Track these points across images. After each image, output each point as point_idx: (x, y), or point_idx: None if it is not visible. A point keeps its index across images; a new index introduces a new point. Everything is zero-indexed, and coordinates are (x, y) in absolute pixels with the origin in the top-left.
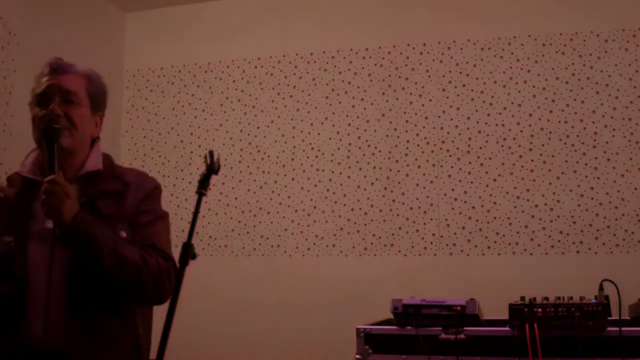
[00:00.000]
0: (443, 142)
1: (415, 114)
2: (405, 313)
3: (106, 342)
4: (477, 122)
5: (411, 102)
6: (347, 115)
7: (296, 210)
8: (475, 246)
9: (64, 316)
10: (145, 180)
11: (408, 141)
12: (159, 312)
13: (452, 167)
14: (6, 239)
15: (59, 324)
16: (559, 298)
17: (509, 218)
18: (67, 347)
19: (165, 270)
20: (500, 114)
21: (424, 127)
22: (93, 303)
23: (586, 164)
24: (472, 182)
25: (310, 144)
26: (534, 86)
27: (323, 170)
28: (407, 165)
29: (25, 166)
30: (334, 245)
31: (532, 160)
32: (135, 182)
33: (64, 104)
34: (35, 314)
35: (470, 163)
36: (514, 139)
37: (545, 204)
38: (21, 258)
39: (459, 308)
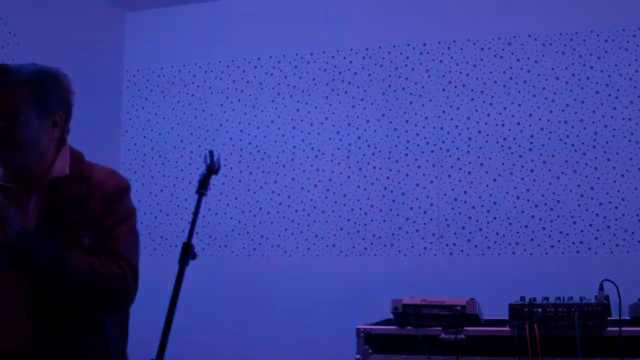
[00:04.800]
0: (443, 142)
1: (415, 114)
2: (405, 313)
3: (73, 350)
4: (477, 122)
5: (411, 102)
6: (347, 115)
7: (296, 210)
8: (475, 246)
9: (25, 324)
10: (112, 180)
11: (408, 141)
12: (159, 312)
13: (452, 167)
14: None
15: (25, 333)
16: (559, 298)
17: (509, 218)
18: (35, 357)
19: (120, 278)
20: (500, 114)
21: (424, 127)
22: (60, 314)
23: (586, 164)
24: (472, 182)
25: (310, 144)
26: (534, 86)
27: (323, 170)
28: (407, 165)
29: None
30: (334, 245)
31: (532, 160)
32: (102, 184)
33: (6, 122)
34: None
35: (470, 163)
36: (514, 139)
37: (545, 204)
38: None
39: (459, 308)
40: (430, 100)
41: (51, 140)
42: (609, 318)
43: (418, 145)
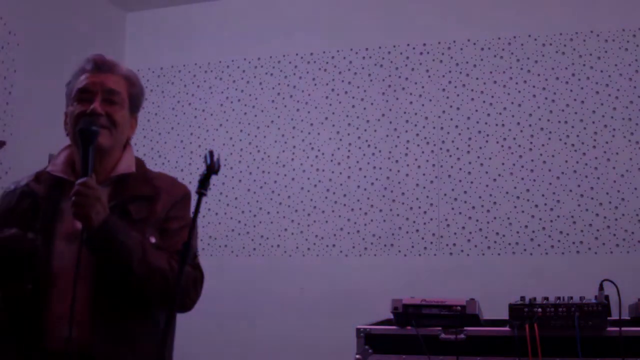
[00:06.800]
0: (443, 142)
1: (415, 114)
2: (405, 313)
3: (131, 348)
4: (477, 122)
5: (411, 102)
6: (347, 115)
7: (296, 210)
8: (475, 246)
9: (89, 318)
10: (176, 186)
11: (408, 141)
12: None
13: (452, 167)
14: (30, 236)
15: (84, 325)
16: (559, 298)
17: (509, 218)
18: (93, 349)
19: (192, 279)
20: (500, 114)
21: (424, 127)
22: (119, 308)
23: (586, 164)
24: (472, 182)
25: (310, 144)
26: (534, 86)
27: (323, 170)
28: (407, 165)
29: (56, 165)
30: (334, 245)
31: (532, 160)
32: (166, 187)
33: (106, 103)
34: (60, 314)
35: (470, 163)
36: (514, 139)
37: (545, 204)
38: (45, 257)
39: (459, 308)
40: (430, 100)
41: (126, 139)
42: (609, 318)
43: (418, 145)
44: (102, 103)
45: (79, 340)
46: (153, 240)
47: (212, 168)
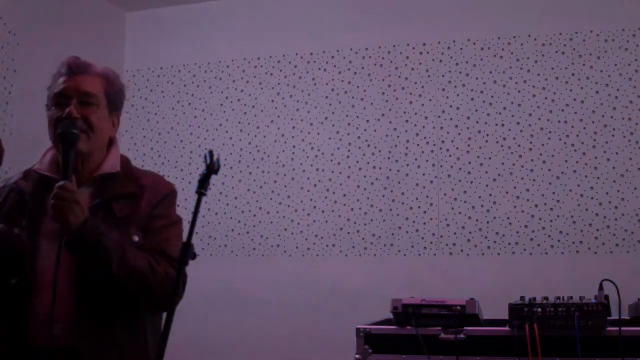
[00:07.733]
0: (443, 142)
1: (415, 114)
2: (405, 313)
3: (115, 347)
4: (477, 122)
5: (411, 102)
6: (347, 115)
7: (296, 210)
8: (475, 246)
9: (71, 317)
10: (161, 184)
11: (408, 141)
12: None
13: (452, 167)
14: (17, 232)
15: (65, 323)
16: (559, 298)
17: (509, 218)
18: (76, 347)
19: (173, 279)
20: (500, 114)
21: (424, 127)
22: (102, 307)
23: (586, 164)
24: (472, 182)
25: (310, 144)
26: (534, 86)
27: (323, 170)
28: (407, 165)
29: (43, 164)
30: (334, 245)
31: (532, 160)
32: (152, 185)
33: (82, 106)
34: (41, 312)
35: (470, 163)
36: (514, 139)
37: (545, 204)
38: (31, 253)
39: (459, 308)
40: (430, 100)
41: (108, 139)
42: (609, 318)
43: (418, 145)
44: (78, 106)
45: (62, 338)
46: (136, 239)
47: (212, 168)
